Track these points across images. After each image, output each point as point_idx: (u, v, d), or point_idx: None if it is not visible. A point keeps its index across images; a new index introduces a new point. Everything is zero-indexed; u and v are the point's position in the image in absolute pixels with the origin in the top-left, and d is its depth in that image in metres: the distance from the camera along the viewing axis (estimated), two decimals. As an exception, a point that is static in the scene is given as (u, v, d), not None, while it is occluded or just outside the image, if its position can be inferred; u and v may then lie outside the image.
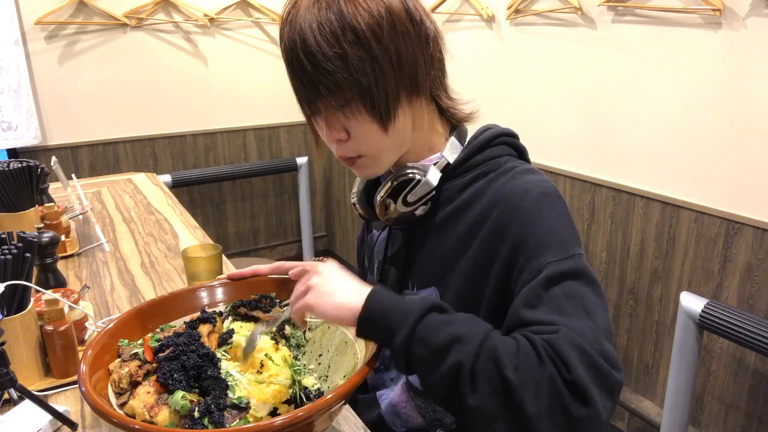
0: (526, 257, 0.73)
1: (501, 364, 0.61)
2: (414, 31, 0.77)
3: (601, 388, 0.61)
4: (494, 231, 0.78)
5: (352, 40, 0.73)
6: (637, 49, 1.91)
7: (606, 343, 0.65)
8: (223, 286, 0.94)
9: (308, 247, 3.65)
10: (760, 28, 1.58)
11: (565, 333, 0.63)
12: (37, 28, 2.68)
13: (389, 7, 0.75)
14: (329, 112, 0.79)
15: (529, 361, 0.61)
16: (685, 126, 1.82)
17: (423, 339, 0.64)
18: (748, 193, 1.68)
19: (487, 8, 2.41)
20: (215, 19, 3.06)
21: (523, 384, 0.60)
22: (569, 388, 0.60)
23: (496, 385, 0.61)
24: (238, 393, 0.73)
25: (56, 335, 0.94)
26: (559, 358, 0.61)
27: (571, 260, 0.71)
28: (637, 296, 2.09)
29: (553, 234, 0.74)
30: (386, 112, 0.77)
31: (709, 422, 1.91)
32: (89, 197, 2.03)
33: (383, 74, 0.75)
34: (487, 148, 0.86)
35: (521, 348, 0.63)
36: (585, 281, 0.70)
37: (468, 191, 0.84)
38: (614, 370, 0.63)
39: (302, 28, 0.74)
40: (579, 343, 0.62)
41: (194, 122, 3.21)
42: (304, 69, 0.75)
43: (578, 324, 0.65)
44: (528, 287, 0.70)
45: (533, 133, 2.38)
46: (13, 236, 0.99)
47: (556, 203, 0.78)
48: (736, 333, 1.52)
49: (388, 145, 0.81)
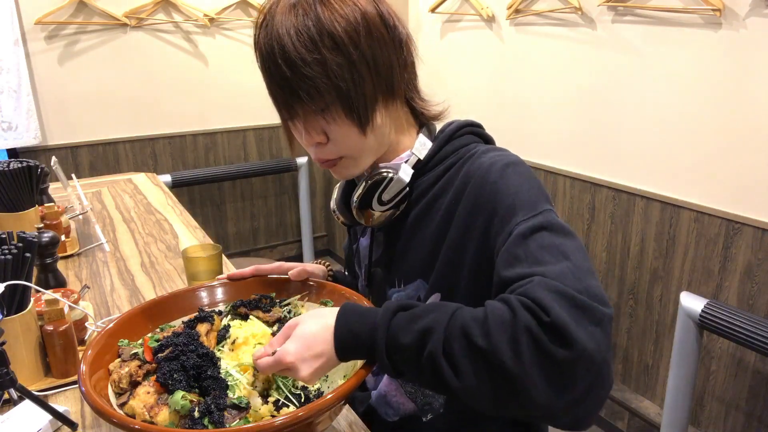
0: (499, 224, 0.74)
1: (470, 335, 0.60)
2: (389, 36, 0.79)
3: (586, 324, 0.58)
4: (467, 209, 0.80)
5: (330, 46, 0.74)
6: (637, 49, 1.91)
7: (589, 279, 0.63)
8: (223, 286, 0.94)
9: (308, 247, 3.65)
10: (760, 28, 1.58)
11: (539, 280, 0.62)
12: (37, 28, 2.68)
13: (364, 13, 0.76)
14: (308, 116, 0.80)
15: (499, 320, 0.60)
16: (685, 126, 1.82)
17: (396, 346, 0.65)
18: (748, 193, 1.68)
19: (487, 8, 2.41)
20: (215, 19, 3.06)
21: (496, 345, 0.59)
22: (547, 331, 0.58)
23: (472, 358, 0.60)
24: (238, 393, 0.73)
25: (56, 335, 0.94)
26: (534, 303, 0.60)
27: (540, 216, 0.72)
28: (637, 296, 2.09)
29: (519, 196, 0.75)
30: (365, 115, 0.79)
31: (709, 422, 1.91)
32: (89, 197, 2.03)
33: (361, 79, 0.77)
34: (454, 139, 0.88)
35: (489, 312, 0.62)
36: (557, 232, 0.70)
37: (440, 182, 0.85)
38: (599, 305, 0.60)
39: (279, 34, 0.75)
40: (554, 286, 0.61)
41: (194, 122, 3.21)
42: (282, 75, 0.75)
43: (556, 268, 0.64)
44: (503, 249, 0.71)
45: (533, 133, 2.38)
46: (13, 236, 0.99)
47: (521, 169, 0.79)
48: (736, 333, 1.52)
49: (367, 147, 0.82)
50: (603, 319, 0.60)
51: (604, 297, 0.62)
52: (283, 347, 0.69)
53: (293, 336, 0.70)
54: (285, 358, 0.68)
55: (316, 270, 0.99)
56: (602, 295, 0.62)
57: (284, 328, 0.72)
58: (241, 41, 3.21)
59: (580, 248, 0.68)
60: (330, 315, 0.70)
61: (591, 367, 0.58)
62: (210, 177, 3.20)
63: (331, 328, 0.69)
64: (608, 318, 0.60)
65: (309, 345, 0.68)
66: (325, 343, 0.68)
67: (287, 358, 0.67)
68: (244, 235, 3.55)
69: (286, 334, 0.71)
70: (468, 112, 2.71)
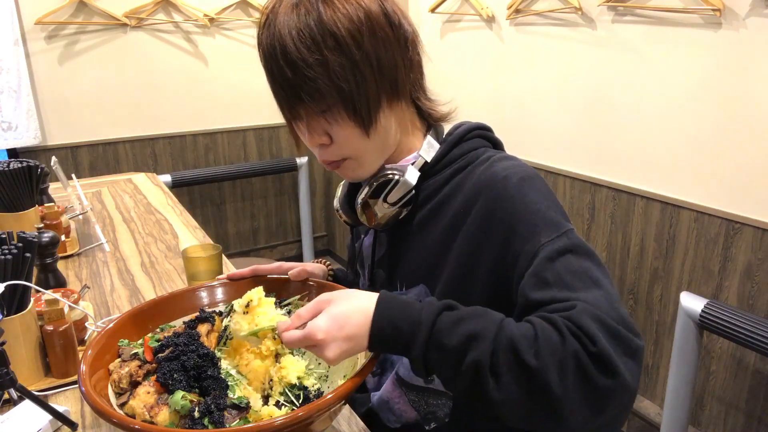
0: (520, 243, 0.73)
1: (520, 352, 0.61)
2: (393, 35, 0.78)
3: (625, 355, 0.61)
4: (479, 222, 0.78)
5: (332, 47, 0.73)
6: (637, 49, 1.91)
7: (621, 309, 0.65)
8: (223, 286, 0.94)
9: (308, 247, 3.65)
10: (760, 28, 1.58)
11: (582, 307, 0.63)
12: (37, 28, 2.68)
13: (368, 11, 0.75)
14: (311, 118, 0.79)
15: (549, 342, 0.61)
16: (685, 126, 1.82)
17: (438, 345, 0.64)
18: (748, 193, 1.68)
19: (487, 8, 2.41)
20: (215, 19, 3.06)
21: (545, 367, 0.60)
22: (594, 360, 0.60)
23: (518, 373, 0.61)
24: (238, 393, 0.73)
25: (56, 335, 0.94)
26: (581, 332, 0.61)
27: (564, 237, 0.71)
28: (637, 296, 2.09)
29: (540, 215, 0.74)
30: (368, 116, 0.78)
31: (709, 422, 1.91)
32: (89, 197, 2.03)
33: (364, 80, 0.76)
34: (463, 142, 0.87)
35: (539, 331, 0.62)
36: (583, 254, 0.71)
37: (448, 186, 0.84)
38: (633, 336, 0.63)
39: (281, 34, 0.74)
40: (597, 315, 0.62)
41: (194, 122, 3.21)
42: (284, 75, 0.75)
43: (591, 296, 0.65)
44: (530, 272, 0.70)
45: (533, 133, 2.38)
46: (13, 236, 0.99)
47: (538, 184, 0.78)
48: (736, 333, 1.52)
49: (371, 148, 0.81)
50: (637, 350, 0.63)
51: (636, 327, 0.65)
52: (314, 323, 0.66)
53: (326, 313, 0.67)
54: (316, 334, 0.65)
55: (316, 270, 0.99)
56: (634, 325, 0.65)
57: (314, 303, 0.70)
58: (241, 41, 3.21)
59: (605, 272, 0.70)
60: (366, 299, 0.68)
61: (626, 395, 0.61)
62: (210, 177, 3.20)
63: (369, 313, 0.67)
64: (641, 349, 0.63)
65: (341, 325, 0.66)
66: (358, 327, 0.66)
67: (318, 335, 0.65)
68: (244, 235, 3.55)
69: (317, 309, 0.68)
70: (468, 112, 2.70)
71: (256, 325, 0.75)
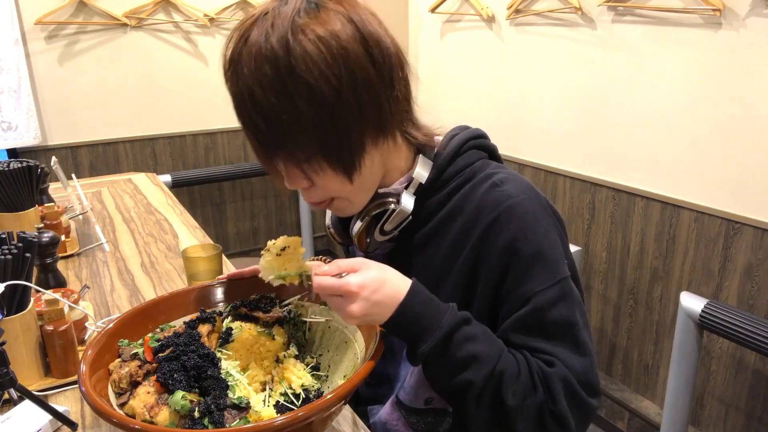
0: (513, 283, 0.74)
1: (504, 386, 0.70)
2: (376, 74, 0.69)
3: (579, 417, 0.72)
4: (480, 247, 0.77)
5: (307, 97, 0.66)
6: (637, 49, 1.91)
7: (591, 373, 0.73)
8: (223, 286, 0.94)
9: (308, 247, 3.65)
10: (760, 28, 1.58)
11: (558, 369, 0.71)
12: (37, 28, 2.68)
13: (346, 54, 0.67)
14: (289, 167, 0.74)
15: (525, 386, 0.70)
16: (685, 126, 1.82)
17: (445, 353, 0.69)
18: (748, 193, 1.68)
19: (487, 8, 2.41)
20: (215, 19, 3.06)
21: (517, 407, 0.70)
22: (553, 417, 0.70)
23: (495, 405, 0.70)
24: (238, 393, 0.73)
25: (56, 335, 0.94)
26: (549, 391, 0.71)
27: (557, 286, 0.74)
28: (637, 296, 2.09)
29: (539, 258, 0.74)
30: (350, 163, 0.72)
31: (709, 422, 1.91)
32: (89, 197, 2.03)
33: (346, 127, 0.69)
34: (458, 157, 0.82)
35: (522, 372, 0.71)
36: (571, 305, 0.75)
37: (448, 206, 0.81)
38: (592, 398, 0.73)
39: (248, 82, 0.67)
40: (568, 379, 0.71)
41: (194, 122, 3.20)
42: (257, 126, 0.69)
43: (569, 357, 0.73)
44: (516, 317, 0.74)
45: (533, 133, 2.38)
46: (13, 236, 0.99)
47: (542, 219, 0.76)
48: (736, 333, 1.52)
49: (357, 190, 0.77)
50: (589, 412, 0.74)
51: (598, 387, 0.75)
52: (351, 276, 0.68)
53: (364, 273, 0.68)
54: (351, 286, 0.67)
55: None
56: (597, 386, 0.75)
57: (352, 261, 0.70)
58: (241, 41, 3.21)
59: (586, 324, 0.76)
60: (400, 279, 0.71)
61: None
62: (210, 177, 3.20)
63: (400, 291, 0.69)
64: (594, 411, 0.74)
65: (375, 289, 0.68)
66: (387, 299, 0.68)
67: (352, 288, 0.67)
68: (244, 235, 3.55)
69: (354, 267, 0.69)
70: (468, 112, 2.71)
71: (285, 269, 0.76)
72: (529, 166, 2.44)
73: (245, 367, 0.81)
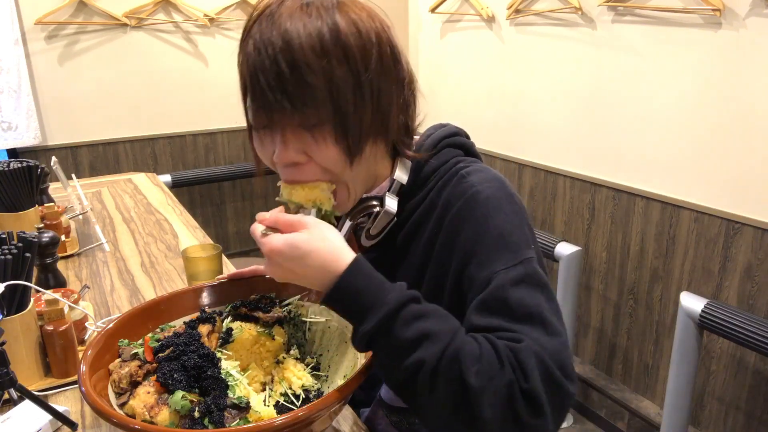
0: (476, 269, 0.72)
1: (463, 366, 0.61)
2: (394, 69, 0.74)
3: (554, 399, 0.62)
4: (446, 241, 0.77)
5: (340, 58, 0.68)
6: (637, 49, 1.91)
7: (564, 354, 0.65)
8: (223, 286, 0.94)
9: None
10: (760, 28, 1.58)
11: (527, 344, 0.64)
12: (37, 28, 2.68)
13: (379, 35, 0.71)
14: (289, 130, 0.71)
15: (490, 366, 0.61)
16: (685, 126, 1.82)
17: (391, 331, 0.63)
18: (748, 193, 1.68)
19: (487, 8, 2.41)
20: (215, 19, 3.06)
21: (482, 388, 0.60)
22: (525, 396, 0.61)
23: (455, 387, 0.61)
24: (238, 393, 0.73)
25: (56, 335, 0.94)
26: (519, 366, 0.62)
27: (520, 266, 0.70)
28: (637, 296, 2.09)
29: (502, 240, 0.72)
30: (356, 143, 0.72)
31: (709, 422, 1.91)
32: (89, 197, 2.03)
33: (363, 104, 0.70)
34: (433, 157, 0.82)
35: (484, 351, 0.62)
36: (536, 286, 0.69)
37: (422, 206, 0.81)
38: (567, 381, 0.64)
39: (287, 29, 0.67)
40: (540, 355, 0.63)
41: (194, 122, 3.20)
42: (278, 73, 0.67)
43: (537, 336, 0.65)
44: (479, 298, 0.69)
45: (533, 132, 2.38)
46: (13, 236, 0.99)
47: (505, 204, 0.75)
48: (736, 333, 1.52)
49: (354, 177, 0.76)
50: (566, 396, 0.64)
51: (573, 373, 0.66)
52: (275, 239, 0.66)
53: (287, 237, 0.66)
54: (264, 246, 0.67)
55: None
56: (572, 370, 0.66)
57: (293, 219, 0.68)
58: (241, 41, 3.21)
59: (556, 307, 0.69)
60: (336, 252, 0.66)
61: None
62: (210, 177, 3.20)
63: (333, 266, 0.65)
64: (571, 397, 0.65)
65: (292, 257, 0.65)
66: (311, 270, 0.65)
67: (265, 249, 0.66)
68: (244, 235, 3.55)
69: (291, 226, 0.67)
70: (468, 112, 2.71)
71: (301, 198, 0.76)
72: (529, 166, 2.44)
73: (245, 367, 0.82)
